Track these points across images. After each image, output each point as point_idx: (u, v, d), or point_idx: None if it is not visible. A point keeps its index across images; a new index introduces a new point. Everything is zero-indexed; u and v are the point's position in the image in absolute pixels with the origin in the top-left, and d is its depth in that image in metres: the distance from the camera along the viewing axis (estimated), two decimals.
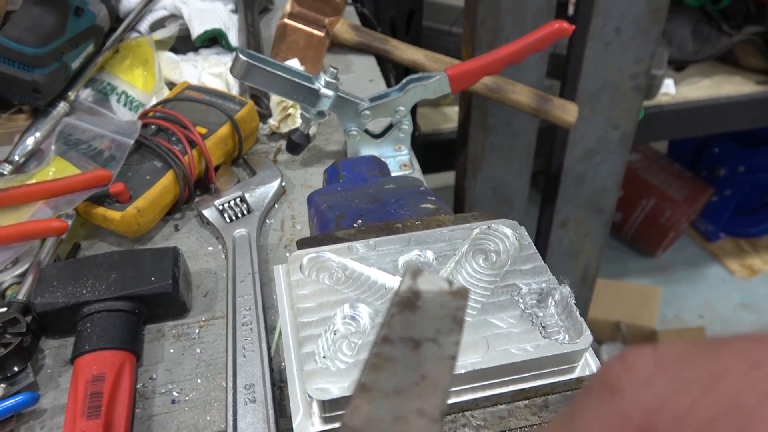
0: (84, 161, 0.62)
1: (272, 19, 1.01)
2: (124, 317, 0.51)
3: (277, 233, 0.64)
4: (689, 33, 1.37)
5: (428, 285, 0.18)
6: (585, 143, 1.10)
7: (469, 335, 0.29)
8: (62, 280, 0.52)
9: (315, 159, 0.73)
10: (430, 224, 0.38)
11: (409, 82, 0.66)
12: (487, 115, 1.03)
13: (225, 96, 0.72)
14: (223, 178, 0.67)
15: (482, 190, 1.13)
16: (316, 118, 0.67)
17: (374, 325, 0.29)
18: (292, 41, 0.82)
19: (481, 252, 0.34)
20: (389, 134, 0.70)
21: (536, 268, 0.33)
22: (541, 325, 0.30)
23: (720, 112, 1.38)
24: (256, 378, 0.48)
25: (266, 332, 0.51)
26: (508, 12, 0.93)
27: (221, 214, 0.63)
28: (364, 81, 0.88)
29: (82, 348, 0.48)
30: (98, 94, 0.75)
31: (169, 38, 0.81)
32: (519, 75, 0.92)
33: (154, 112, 0.68)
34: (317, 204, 0.47)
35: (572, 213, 1.20)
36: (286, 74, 0.63)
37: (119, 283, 0.52)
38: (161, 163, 0.63)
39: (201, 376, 0.50)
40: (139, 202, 0.60)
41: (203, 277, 0.59)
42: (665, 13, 0.98)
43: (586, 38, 0.98)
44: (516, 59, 0.66)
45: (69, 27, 0.69)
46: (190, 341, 0.53)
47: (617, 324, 1.74)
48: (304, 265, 0.33)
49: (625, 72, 1.03)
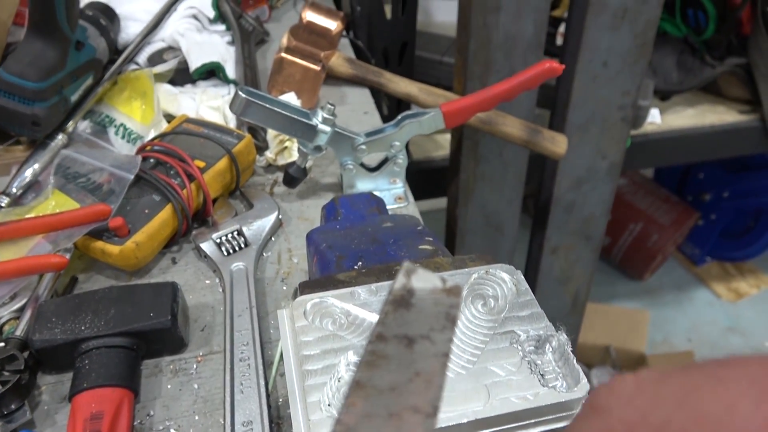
0: (83, 195, 0.63)
1: (268, 50, 1.03)
2: (122, 353, 0.51)
3: (274, 266, 0.64)
4: (674, 64, 1.41)
5: (422, 283, 0.18)
6: (574, 172, 1.12)
7: (470, 383, 0.30)
8: (61, 316, 0.52)
9: (311, 191, 0.74)
10: (428, 267, 0.39)
11: (405, 118, 0.68)
12: (479, 145, 1.05)
13: (223, 129, 0.73)
14: (220, 211, 0.68)
15: (474, 218, 1.15)
16: (313, 152, 0.68)
17: None
18: (288, 74, 0.84)
19: (479, 297, 0.35)
20: (384, 168, 0.71)
21: (534, 315, 0.34)
22: (540, 372, 0.31)
23: (704, 140, 1.42)
24: (254, 415, 0.48)
25: (264, 368, 0.52)
26: (499, 46, 0.95)
27: (219, 248, 0.63)
28: (359, 113, 0.89)
29: (80, 385, 0.48)
30: (96, 125, 0.76)
31: (168, 71, 0.82)
32: (510, 105, 0.94)
33: (152, 145, 0.69)
34: (317, 243, 0.47)
35: (562, 240, 1.22)
36: (284, 110, 0.64)
37: (118, 319, 0.52)
38: (160, 197, 0.64)
39: (198, 412, 0.51)
40: (137, 236, 0.60)
41: (201, 310, 0.59)
42: (651, 48, 1.01)
43: (574, 71, 1.00)
44: (508, 97, 0.68)
45: (70, 61, 0.70)
46: (188, 376, 0.54)
47: (607, 348, 1.75)
48: (307, 310, 0.34)
49: (613, 104, 1.05)
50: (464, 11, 0.94)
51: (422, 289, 0.18)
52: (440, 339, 0.18)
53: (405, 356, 0.17)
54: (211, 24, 0.95)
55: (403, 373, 0.16)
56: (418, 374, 0.16)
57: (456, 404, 0.29)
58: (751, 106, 1.43)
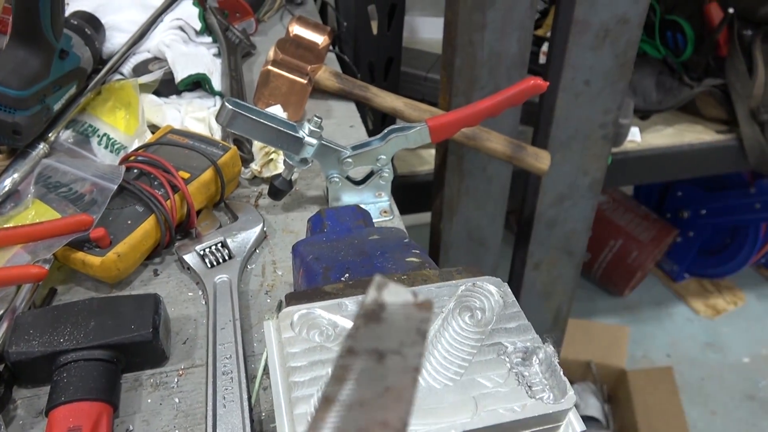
0: (64, 205, 0.62)
1: (254, 63, 1.03)
2: (102, 367, 0.50)
3: (258, 279, 0.64)
4: (653, 84, 1.45)
5: (393, 297, 0.18)
6: (557, 188, 1.13)
7: (458, 395, 0.30)
8: (39, 328, 0.51)
9: (296, 204, 0.74)
10: (416, 279, 0.39)
11: (391, 131, 0.68)
12: (463, 160, 1.05)
13: (208, 141, 0.72)
14: (204, 223, 0.68)
15: (458, 232, 1.15)
16: (299, 165, 0.68)
17: None
18: (275, 87, 0.84)
19: (467, 309, 0.35)
20: (370, 181, 0.71)
21: (521, 327, 0.34)
22: (527, 384, 0.31)
23: (682, 158, 1.45)
24: (236, 429, 0.47)
25: (247, 381, 0.51)
26: (484, 63, 0.97)
27: (202, 260, 0.63)
28: (345, 126, 0.89)
29: (57, 399, 0.47)
30: (79, 135, 0.75)
31: (153, 82, 0.82)
32: (494, 122, 0.95)
33: (136, 155, 0.68)
34: (303, 255, 0.47)
35: (545, 255, 1.23)
36: (271, 122, 0.64)
37: (98, 332, 0.51)
38: (143, 208, 0.63)
39: (179, 427, 0.50)
40: (119, 247, 0.59)
41: (183, 323, 0.59)
42: (631, 67, 1.03)
43: (557, 89, 1.02)
44: (493, 113, 0.68)
45: (53, 69, 0.70)
46: (169, 390, 0.53)
47: (588, 364, 1.76)
48: (294, 322, 0.34)
49: (595, 121, 1.07)
50: (450, 28, 0.95)
51: (393, 304, 0.18)
52: (411, 354, 0.17)
53: (375, 371, 0.17)
54: (198, 36, 0.94)
55: (373, 388, 0.16)
56: (387, 389, 0.16)
57: (444, 416, 0.29)
58: (728, 126, 1.47)
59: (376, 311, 0.18)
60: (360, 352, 0.17)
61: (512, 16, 0.93)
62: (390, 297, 0.18)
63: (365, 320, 0.18)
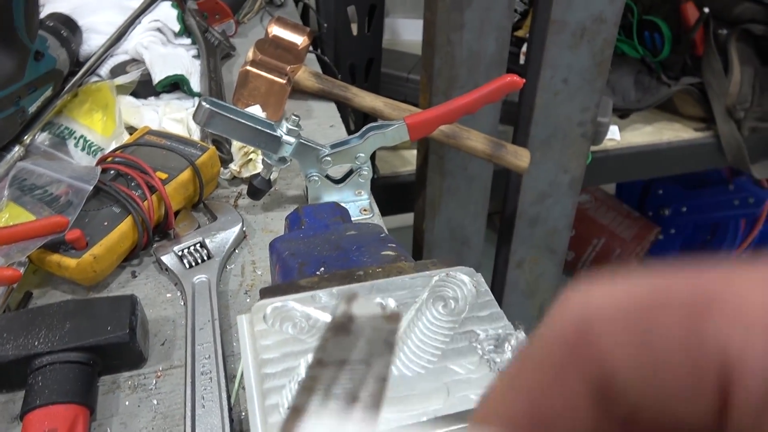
0: (39, 207, 0.61)
1: (234, 64, 1.03)
2: (78, 369, 0.49)
3: (238, 279, 0.64)
4: (631, 83, 1.46)
5: (362, 310, 0.18)
6: (537, 187, 1.14)
7: (430, 382, 0.30)
8: (12, 331, 0.50)
9: (276, 204, 0.73)
10: (391, 272, 0.39)
11: (369, 129, 0.69)
12: (444, 159, 1.06)
13: (186, 141, 0.72)
14: (182, 224, 0.67)
15: (440, 232, 1.15)
16: (277, 164, 0.68)
17: None
18: (253, 87, 0.84)
19: (440, 299, 0.35)
20: (350, 180, 0.71)
21: (493, 315, 0.34)
22: (499, 370, 0.31)
23: (662, 156, 1.47)
24: (215, 429, 0.47)
25: (226, 381, 0.51)
26: (463, 63, 0.97)
27: (180, 260, 0.62)
28: (325, 127, 0.90)
29: (32, 402, 0.47)
30: (55, 138, 0.75)
31: (130, 83, 0.81)
32: (474, 121, 0.96)
33: (113, 157, 0.68)
34: (279, 251, 0.47)
35: (527, 254, 1.24)
36: (249, 122, 0.64)
37: (73, 334, 0.50)
38: (120, 209, 0.63)
39: (158, 429, 0.49)
40: (95, 249, 0.59)
41: (161, 325, 0.58)
42: (608, 66, 1.05)
43: (536, 88, 1.03)
44: (470, 110, 0.69)
45: (28, 71, 0.69)
46: (147, 392, 0.52)
47: None
48: (267, 315, 0.33)
49: (574, 120, 1.08)
50: (429, 28, 0.96)
51: (362, 316, 0.18)
52: (379, 364, 0.18)
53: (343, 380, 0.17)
54: (176, 38, 0.94)
55: (342, 399, 0.16)
56: (356, 400, 0.16)
57: (415, 403, 0.29)
58: (706, 123, 1.49)
59: (345, 323, 0.18)
60: (329, 364, 0.17)
61: (490, 16, 0.94)
62: (359, 310, 0.18)
63: (335, 333, 0.18)
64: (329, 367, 0.16)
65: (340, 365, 0.17)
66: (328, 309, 0.34)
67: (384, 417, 0.28)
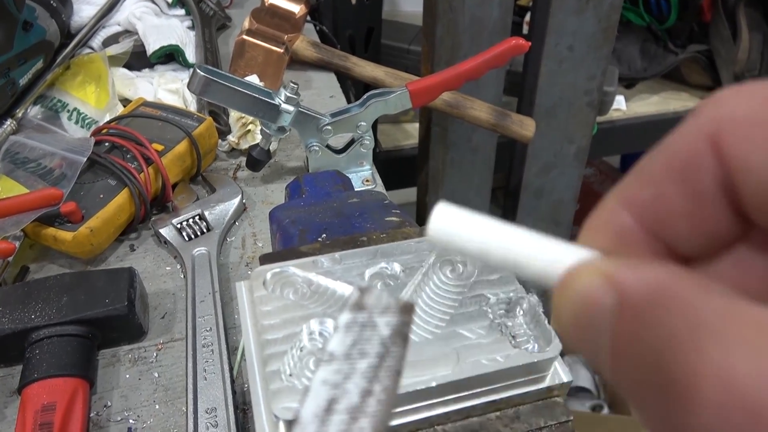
0: (32, 180, 0.60)
1: (230, 36, 1.00)
2: (76, 342, 0.48)
3: (238, 251, 0.62)
4: (637, 52, 1.43)
5: (374, 301, 0.18)
6: (543, 157, 1.12)
7: (439, 347, 0.29)
8: (9, 305, 0.49)
9: (276, 175, 0.72)
10: (396, 237, 0.38)
11: (370, 97, 0.66)
12: (448, 131, 1.04)
13: (182, 112, 0.70)
14: (181, 196, 0.66)
15: None
16: (276, 133, 0.66)
17: None
18: (250, 57, 0.81)
19: (448, 263, 0.34)
20: (351, 150, 0.69)
21: (503, 278, 0.32)
22: (511, 334, 0.29)
23: (668, 126, 1.41)
24: (218, 401, 0.46)
25: (228, 353, 0.49)
26: (466, 31, 0.94)
27: (179, 233, 0.61)
28: (325, 97, 0.87)
29: (30, 376, 0.46)
30: (48, 111, 0.73)
31: (123, 54, 0.79)
32: (478, 92, 0.93)
33: (107, 128, 0.66)
34: (279, 219, 0.46)
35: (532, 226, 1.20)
36: (246, 89, 0.62)
37: (71, 307, 0.49)
38: (115, 182, 0.61)
39: (159, 401, 0.48)
40: (91, 221, 0.57)
41: (161, 298, 0.57)
42: (614, 32, 1.02)
43: (541, 56, 1.00)
44: (474, 75, 0.67)
45: (16, 42, 0.67)
46: (147, 365, 0.51)
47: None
48: (267, 280, 0.32)
49: (579, 88, 1.06)
50: None
51: (376, 308, 0.17)
52: (393, 357, 0.17)
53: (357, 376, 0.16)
54: (170, 8, 0.91)
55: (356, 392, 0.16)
56: (370, 392, 0.16)
57: (424, 369, 0.27)
58: (713, 92, 1.46)
59: (357, 318, 0.17)
60: (342, 358, 0.16)
61: None
62: (371, 302, 0.17)
63: (348, 326, 0.17)
64: (342, 361, 0.16)
65: (353, 358, 0.16)
66: (331, 274, 0.33)
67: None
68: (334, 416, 0.15)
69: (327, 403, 0.15)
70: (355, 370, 0.16)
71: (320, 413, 0.15)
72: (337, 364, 0.16)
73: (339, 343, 0.16)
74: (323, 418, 0.15)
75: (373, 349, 0.17)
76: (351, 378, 0.16)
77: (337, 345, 0.16)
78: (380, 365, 0.16)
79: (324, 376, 0.15)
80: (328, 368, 0.16)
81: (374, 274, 0.33)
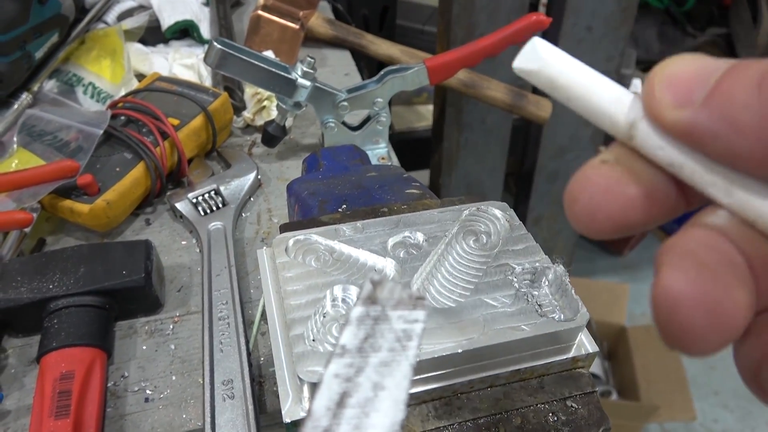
0: (49, 152, 0.60)
1: (244, 13, 0.99)
2: (93, 313, 0.48)
3: (254, 227, 0.62)
4: (655, 34, 1.41)
5: (387, 294, 0.18)
6: (558, 140, 1.11)
7: (465, 314, 0.28)
8: (27, 275, 0.49)
9: (291, 152, 0.71)
10: (417, 208, 0.37)
11: (388, 73, 0.66)
12: (462, 112, 1.03)
13: (198, 87, 0.70)
14: (196, 171, 0.65)
15: (456, 187, 1.13)
16: (292, 109, 0.65)
17: None
18: (266, 33, 0.80)
19: (471, 233, 0.33)
20: (367, 127, 0.69)
21: (528, 248, 0.32)
22: (537, 303, 0.29)
23: None
24: (234, 373, 0.46)
25: (244, 326, 0.49)
26: (483, 9, 0.93)
27: (195, 207, 0.61)
28: (340, 75, 0.87)
29: (49, 345, 0.46)
30: (63, 85, 0.72)
31: (138, 28, 0.79)
32: (493, 73, 0.92)
33: (123, 102, 0.66)
34: (298, 191, 0.45)
35: (545, 210, 1.21)
36: (262, 63, 0.61)
37: (88, 278, 0.49)
38: (131, 155, 0.61)
39: (176, 372, 0.48)
40: (108, 194, 0.57)
41: (177, 271, 0.57)
42: (634, 12, 1.00)
43: (558, 36, 0.99)
44: (493, 51, 0.66)
45: (33, 15, 0.66)
46: (164, 337, 0.51)
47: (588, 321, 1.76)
48: (289, 247, 0.32)
49: (596, 69, 1.04)
50: None
51: (387, 300, 0.17)
52: (405, 350, 0.17)
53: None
54: None
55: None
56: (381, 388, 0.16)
57: (450, 335, 0.27)
58: None
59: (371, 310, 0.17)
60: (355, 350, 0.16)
61: None
62: (383, 294, 0.17)
63: (360, 318, 0.17)
64: (356, 357, 0.16)
65: (366, 353, 0.16)
66: (353, 242, 0.32)
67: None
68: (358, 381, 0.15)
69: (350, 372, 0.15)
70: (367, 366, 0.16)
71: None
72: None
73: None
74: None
75: (385, 345, 0.17)
76: (362, 374, 0.16)
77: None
78: (392, 361, 0.16)
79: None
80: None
81: (397, 243, 0.33)
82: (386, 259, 0.31)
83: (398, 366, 0.16)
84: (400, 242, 0.33)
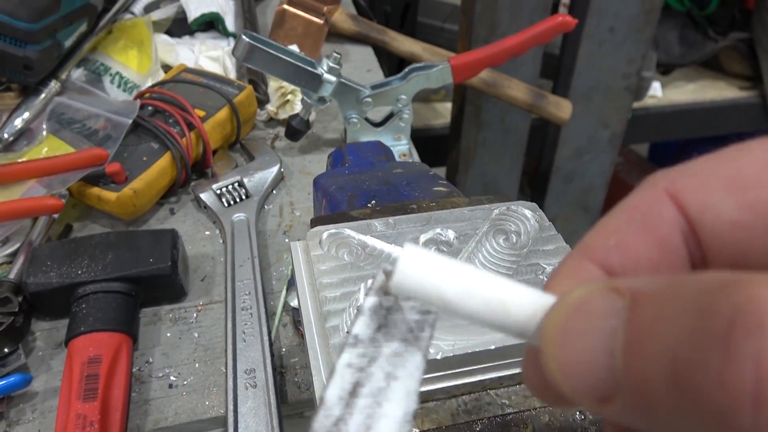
0: (78, 140, 0.61)
1: (268, 6, 1.00)
2: (120, 299, 0.49)
3: (276, 219, 0.63)
4: (676, 38, 1.40)
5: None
6: (576, 141, 1.11)
7: None
8: (56, 260, 0.50)
9: (313, 146, 0.72)
10: (446, 206, 0.38)
11: (412, 70, 0.66)
12: (481, 110, 1.03)
13: (223, 80, 0.70)
14: (220, 162, 0.66)
15: (473, 185, 1.13)
16: (317, 104, 0.66)
17: None
18: (290, 28, 0.81)
19: (501, 232, 0.34)
20: (389, 123, 0.69)
21: (559, 249, 0.32)
22: None
23: (703, 116, 1.41)
24: (256, 363, 0.47)
25: (266, 317, 0.50)
26: (505, 8, 0.93)
27: (219, 198, 0.62)
28: (362, 71, 0.87)
29: (77, 329, 0.47)
30: (91, 74, 0.73)
31: (165, 20, 0.79)
32: (514, 72, 0.92)
33: (151, 93, 0.66)
34: (325, 186, 0.46)
35: (561, 210, 1.21)
36: (289, 58, 0.62)
37: (116, 264, 0.50)
38: (158, 145, 0.62)
39: (199, 360, 0.49)
40: (135, 183, 0.58)
41: (200, 261, 0.58)
42: (658, 14, 0.99)
43: (580, 37, 0.98)
44: (519, 51, 0.66)
45: (64, 4, 0.67)
46: (188, 325, 0.52)
47: None
48: (323, 241, 0.32)
49: (618, 72, 1.04)
50: None
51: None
52: (418, 342, 0.17)
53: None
54: None
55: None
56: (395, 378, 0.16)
57: (481, 332, 0.27)
58: (752, 82, 1.42)
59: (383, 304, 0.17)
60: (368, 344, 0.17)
61: None
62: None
63: (373, 314, 0.17)
64: (368, 347, 0.16)
65: (379, 343, 0.16)
66: (386, 238, 0.33)
67: (439, 344, 0.27)
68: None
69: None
70: (380, 358, 0.16)
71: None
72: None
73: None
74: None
75: (398, 336, 0.17)
76: (374, 365, 0.16)
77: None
78: (404, 353, 0.16)
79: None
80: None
81: (428, 240, 0.33)
82: None
83: (411, 356, 0.16)
84: (432, 239, 0.33)
